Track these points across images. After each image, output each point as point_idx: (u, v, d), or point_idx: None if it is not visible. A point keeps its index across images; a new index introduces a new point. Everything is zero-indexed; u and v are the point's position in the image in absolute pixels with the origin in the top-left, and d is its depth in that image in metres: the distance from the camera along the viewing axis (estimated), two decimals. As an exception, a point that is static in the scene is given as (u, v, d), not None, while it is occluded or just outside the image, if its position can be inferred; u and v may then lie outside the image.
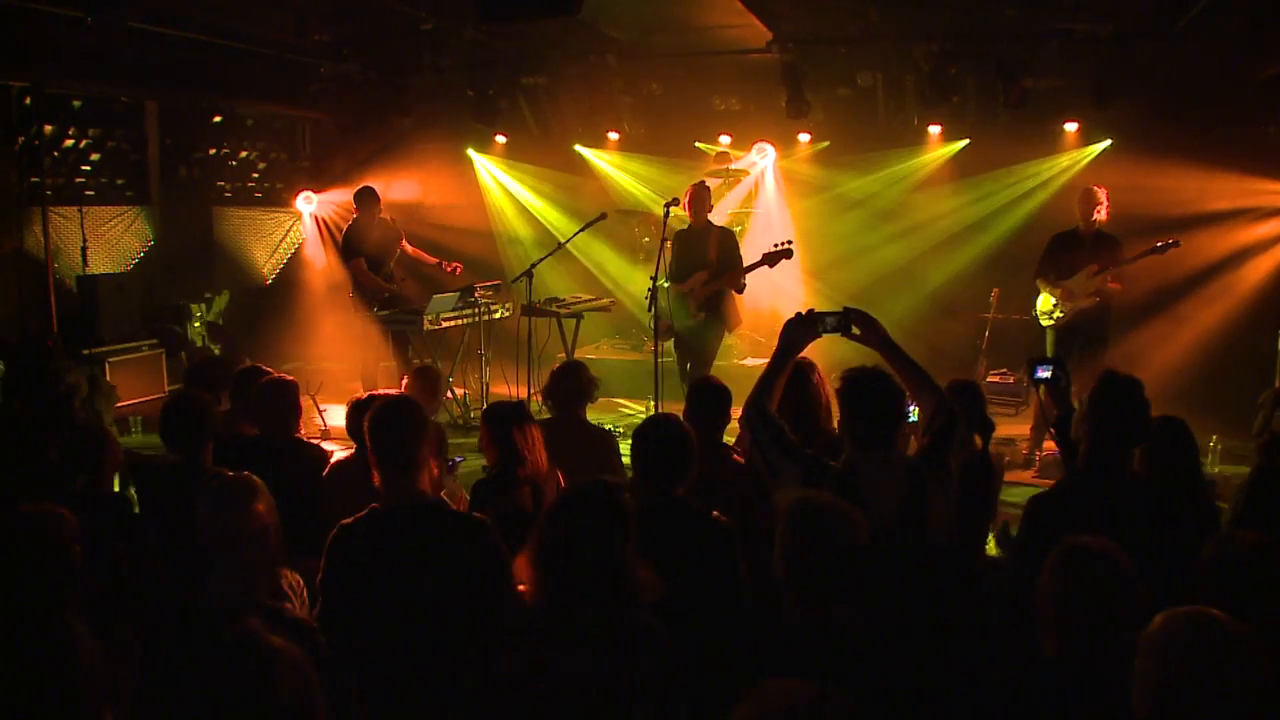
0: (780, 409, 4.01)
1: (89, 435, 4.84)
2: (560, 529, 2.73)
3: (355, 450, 4.40)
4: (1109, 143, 9.21)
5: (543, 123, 10.38)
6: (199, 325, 9.85)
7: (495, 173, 11.50)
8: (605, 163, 11.00)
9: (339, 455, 4.64)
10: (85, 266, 8.53)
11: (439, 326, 7.49)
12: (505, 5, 5.93)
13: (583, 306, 8.02)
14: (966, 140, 9.70)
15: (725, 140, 10.49)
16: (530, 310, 7.45)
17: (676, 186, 10.34)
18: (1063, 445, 4.04)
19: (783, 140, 10.26)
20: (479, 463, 5.44)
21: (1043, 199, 9.42)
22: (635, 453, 3.63)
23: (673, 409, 5.59)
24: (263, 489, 2.87)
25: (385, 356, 7.90)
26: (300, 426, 5.04)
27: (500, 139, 11.11)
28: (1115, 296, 7.31)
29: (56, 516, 3.18)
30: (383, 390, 5.29)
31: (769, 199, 10.42)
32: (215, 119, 10.63)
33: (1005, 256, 9.30)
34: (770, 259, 6.74)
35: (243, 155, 11.18)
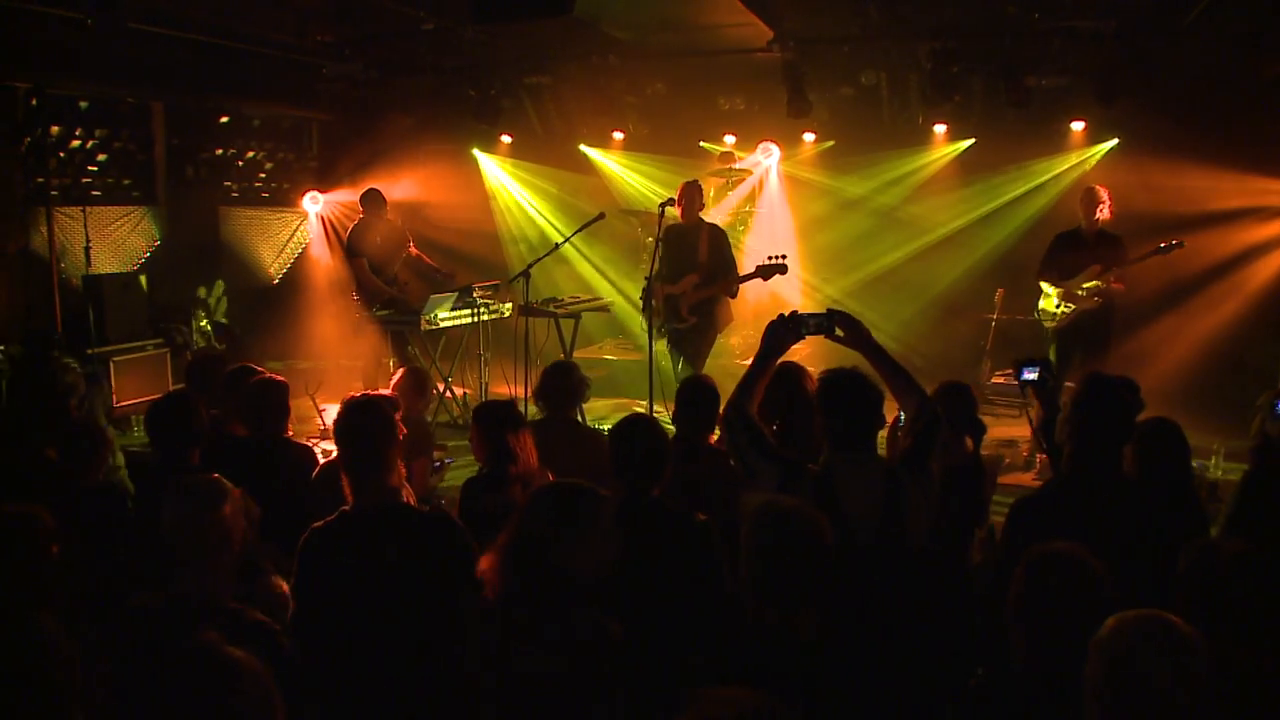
0: (771, 413, 3.99)
1: (86, 434, 4.87)
2: (516, 528, 2.72)
3: (343, 451, 4.41)
4: (1116, 141, 9.13)
5: (546, 122, 10.38)
6: (205, 324, 9.90)
7: (500, 172, 11.51)
8: (610, 162, 10.98)
9: (326, 457, 4.64)
10: (88, 266, 8.57)
11: (436, 326, 7.49)
12: (498, 5, 5.93)
13: (580, 307, 8.00)
14: (972, 139, 9.64)
15: (730, 140, 10.45)
16: (527, 310, 7.44)
17: (675, 185, 10.35)
18: (1048, 448, 3.99)
19: (788, 140, 10.22)
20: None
21: (1049, 198, 9.35)
22: (612, 454, 3.61)
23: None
24: (231, 491, 2.86)
25: (386, 356, 7.90)
26: (292, 427, 5.04)
27: (505, 139, 11.13)
28: (1119, 297, 7.24)
29: (34, 516, 3.18)
30: (379, 390, 5.28)
31: (773, 198, 10.37)
32: (222, 119, 10.67)
33: (1010, 257, 9.24)
34: (764, 272, 6.72)
35: (250, 155, 11.22)
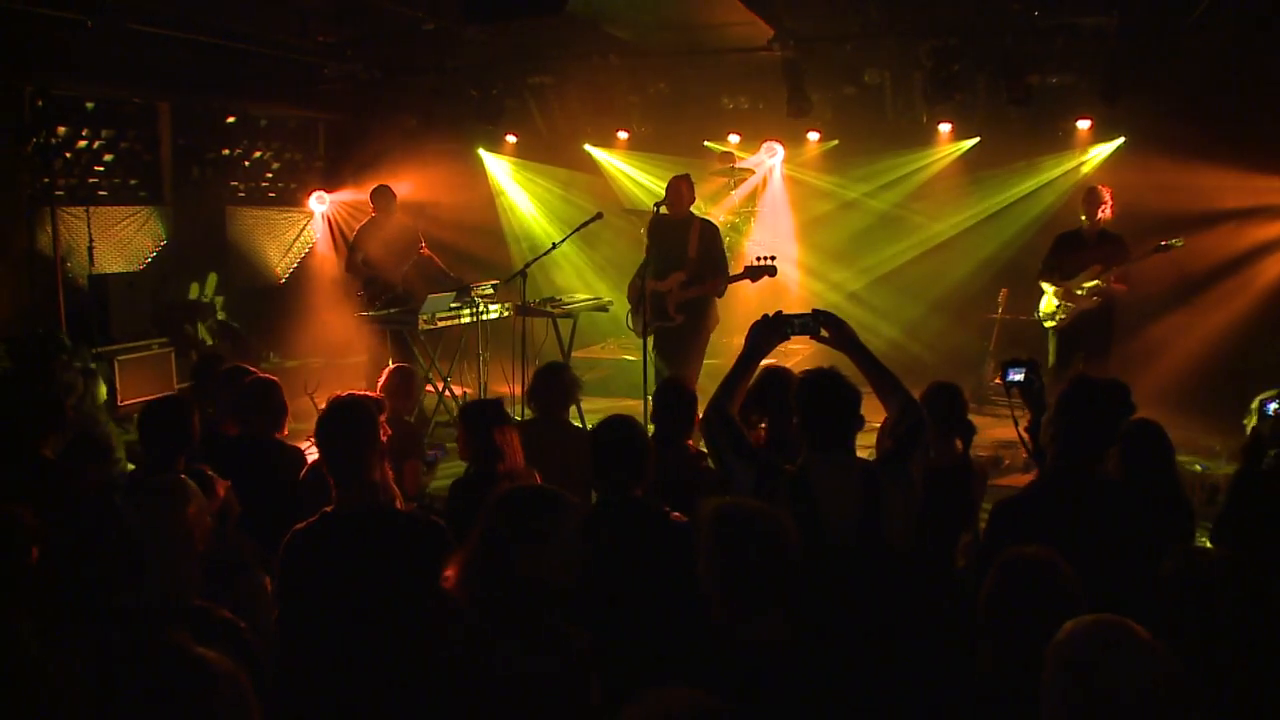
0: (759, 415, 3.98)
1: (83, 436, 4.90)
2: (478, 533, 2.71)
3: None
4: (1122, 140, 9.06)
5: (551, 122, 10.38)
6: (210, 324, 9.95)
7: (505, 172, 11.52)
8: (615, 161, 10.98)
9: (314, 456, 4.64)
10: (92, 266, 8.64)
11: (435, 326, 7.50)
12: (490, 4, 5.92)
13: (577, 306, 7.98)
14: (977, 138, 9.58)
15: (734, 139, 10.44)
16: (524, 310, 7.43)
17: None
18: (1033, 450, 3.96)
19: (792, 139, 10.19)
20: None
21: (1054, 198, 9.29)
22: (593, 454, 3.60)
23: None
24: (195, 492, 2.87)
25: (387, 355, 7.91)
26: (288, 426, 5.05)
27: (511, 138, 11.15)
28: (1121, 297, 7.16)
29: (14, 517, 3.20)
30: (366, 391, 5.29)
31: (776, 198, 10.34)
32: (229, 120, 10.72)
33: (1015, 256, 9.18)
34: (752, 273, 6.61)
35: (256, 155, 11.27)
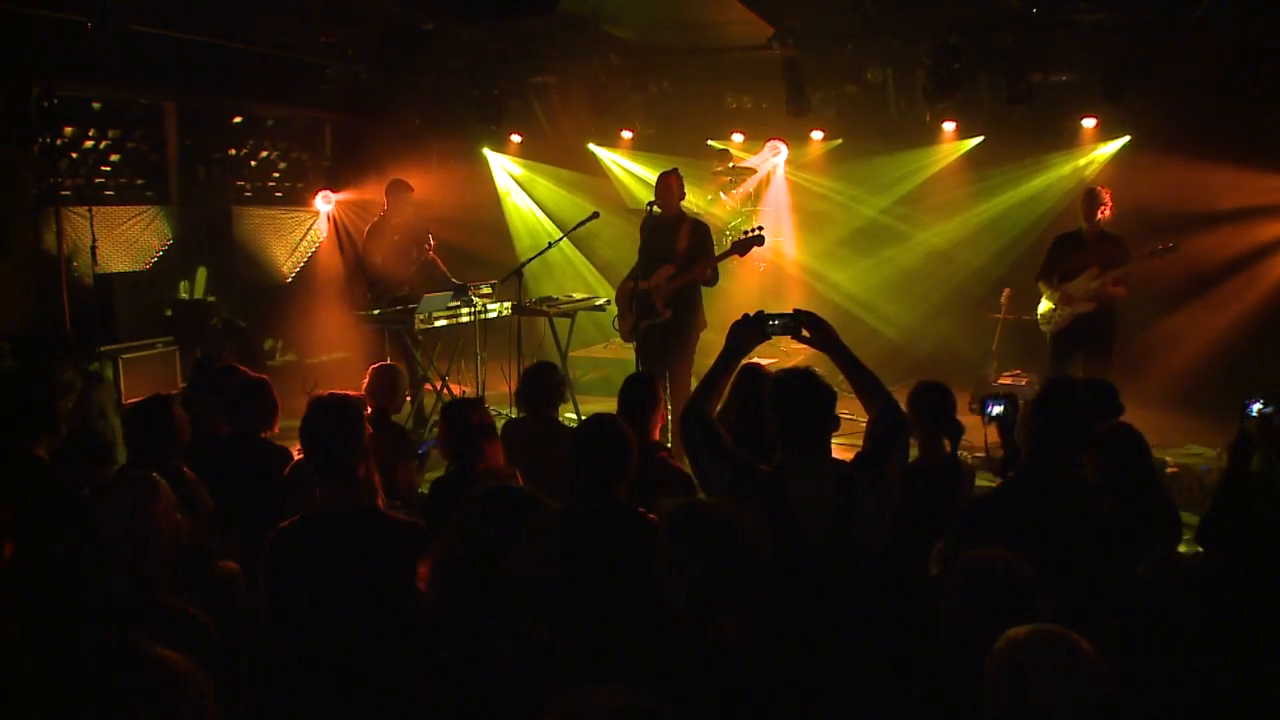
0: (730, 416, 3.96)
1: (78, 437, 4.92)
2: (456, 529, 2.71)
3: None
4: (1128, 139, 8.99)
5: (554, 121, 10.39)
6: (215, 323, 9.99)
7: (510, 171, 11.54)
8: (619, 160, 10.97)
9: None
10: (95, 265, 8.70)
11: (431, 325, 7.51)
12: (483, 4, 5.91)
13: (574, 306, 7.96)
14: (981, 137, 9.52)
15: (738, 138, 10.43)
16: (520, 309, 7.43)
17: (687, 185, 10.31)
18: (1000, 469, 3.97)
19: (796, 137, 10.16)
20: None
21: (1058, 197, 9.21)
22: (573, 454, 3.60)
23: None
24: (164, 490, 2.88)
25: (386, 354, 7.92)
26: (277, 425, 5.07)
27: (515, 138, 11.16)
28: (1120, 300, 7.08)
29: None
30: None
31: (779, 197, 10.32)
32: (235, 120, 10.78)
33: (1018, 256, 9.11)
34: (741, 247, 6.52)
35: (263, 155, 11.32)
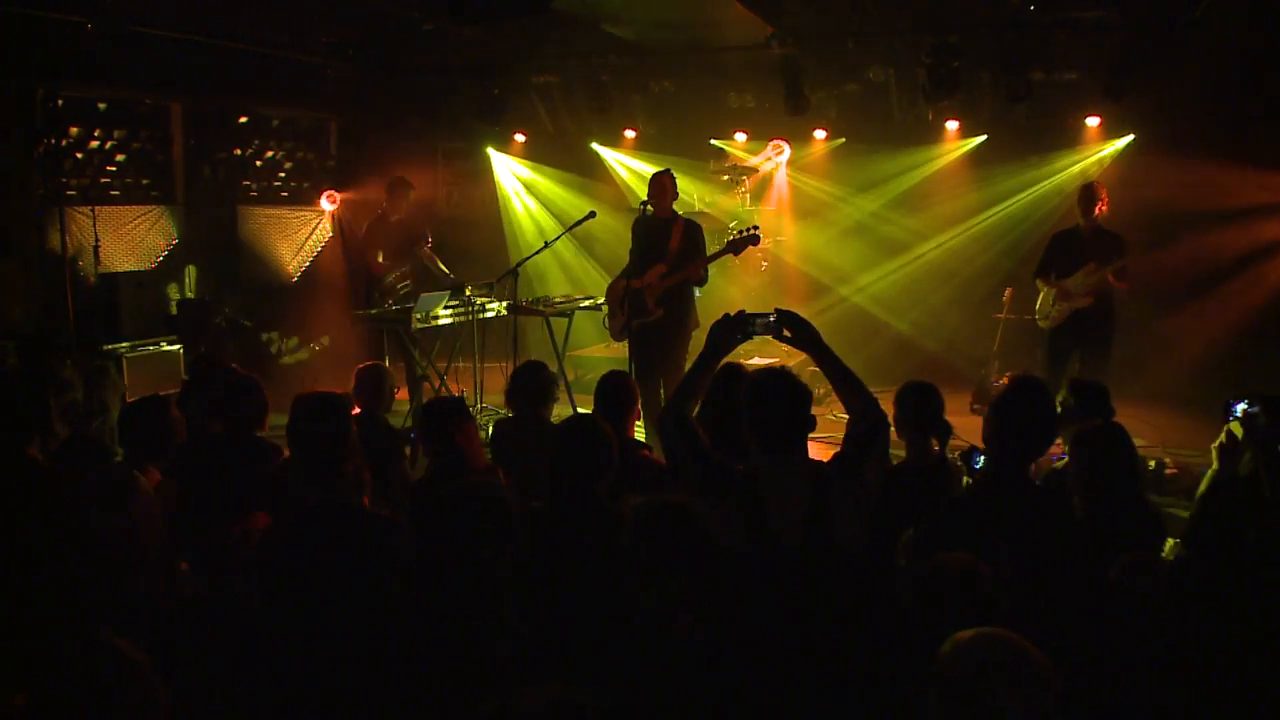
0: (709, 415, 3.95)
1: (75, 435, 4.96)
2: (427, 529, 2.73)
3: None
4: (1132, 138, 8.92)
5: (557, 121, 10.40)
6: (220, 322, 10.06)
7: (511, 171, 11.56)
8: (622, 159, 10.97)
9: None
10: (98, 265, 8.77)
11: (429, 325, 7.52)
12: (474, 4, 5.91)
13: (571, 305, 7.95)
14: (984, 136, 9.48)
15: (740, 137, 10.40)
16: (516, 309, 7.43)
17: (689, 184, 10.31)
18: None
19: (799, 137, 10.13)
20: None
21: (1061, 196, 9.15)
22: (553, 454, 3.60)
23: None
24: (143, 488, 2.90)
25: (384, 354, 7.95)
26: (267, 424, 5.10)
27: (519, 138, 11.19)
28: (1122, 294, 7.02)
29: None
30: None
31: (781, 196, 10.30)
32: (241, 120, 10.84)
33: (1020, 256, 9.06)
34: (734, 246, 6.49)
35: (269, 155, 11.37)
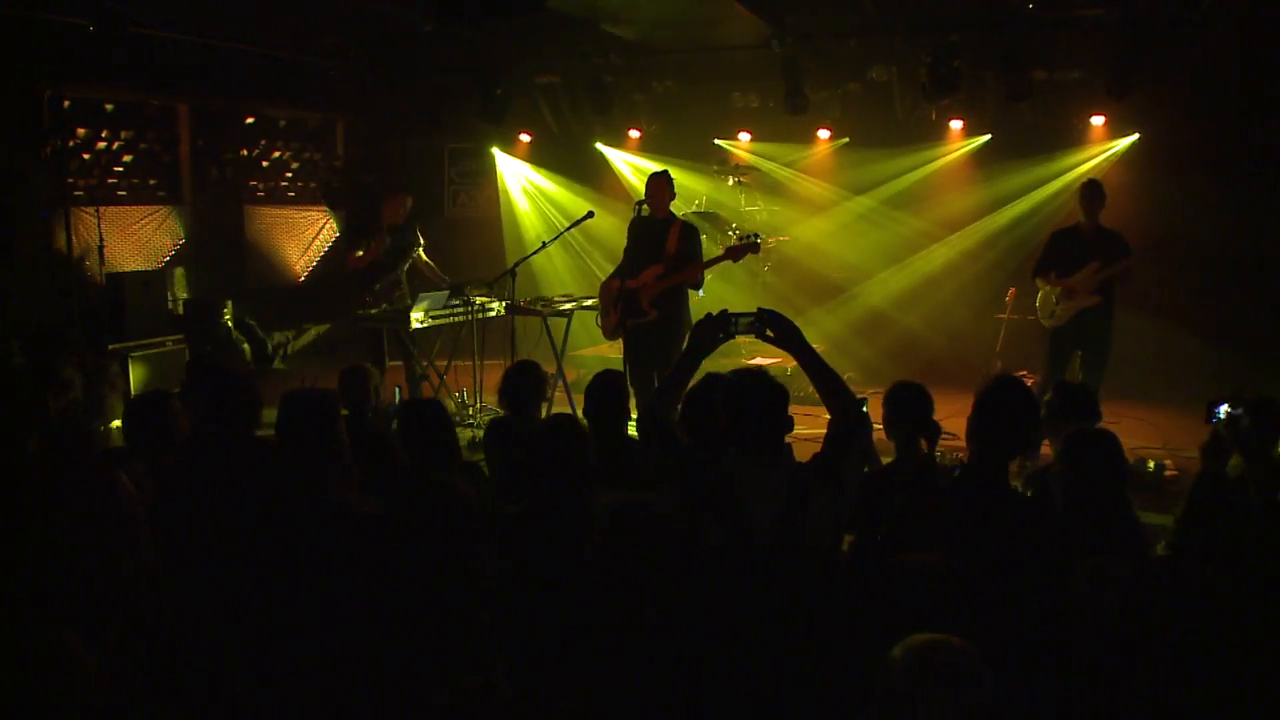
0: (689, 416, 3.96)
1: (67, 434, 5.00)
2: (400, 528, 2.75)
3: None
4: (1136, 137, 8.86)
5: (561, 121, 10.42)
6: (225, 320, 10.12)
7: (518, 171, 11.59)
8: (627, 159, 10.97)
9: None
10: (103, 265, 8.85)
11: (427, 324, 7.54)
12: (468, 4, 5.93)
13: (568, 306, 7.92)
14: (988, 135, 9.43)
15: (744, 137, 10.39)
16: (514, 309, 7.44)
17: (693, 183, 10.32)
18: None
19: (802, 136, 10.11)
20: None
21: (1065, 196, 9.08)
22: (531, 454, 3.61)
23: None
24: (124, 484, 2.93)
25: (384, 354, 7.98)
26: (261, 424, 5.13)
27: (524, 138, 11.21)
28: (1122, 294, 6.98)
29: None
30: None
31: (786, 196, 10.31)
32: (248, 120, 10.92)
33: (1023, 256, 9.00)
34: (734, 253, 6.48)
35: (276, 155, 11.46)
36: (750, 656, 2.90)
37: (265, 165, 11.35)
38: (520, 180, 11.62)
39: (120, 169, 9.82)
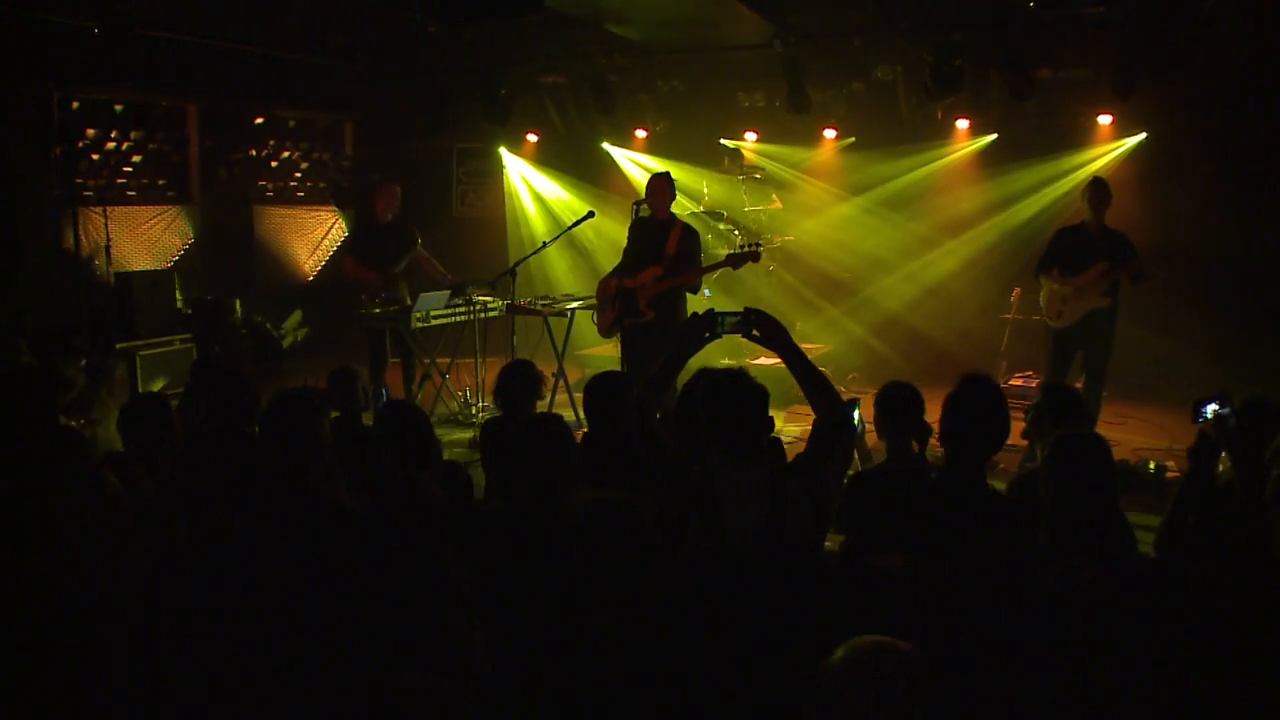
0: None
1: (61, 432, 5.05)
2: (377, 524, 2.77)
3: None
4: (1144, 136, 8.79)
5: (568, 121, 10.43)
6: (234, 319, 10.18)
7: (525, 171, 11.61)
8: (634, 158, 10.97)
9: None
10: (110, 264, 8.94)
11: (428, 324, 7.57)
12: (464, 5, 5.95)
13: (570, 305, 7.94)
14: (994, 135, 9.39)
15: (751, 137, 10.38)
16: (514, 309, 7.45)
17: (700, 183, 10.32)
18: None
19: (809, 136, 10.09)
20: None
21: (1071, 196, 9.02)
22: (517, 452, 3.62)
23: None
24: (110, 482, 2.97)
25: (386, 354, 8.01)
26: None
27: (531, 138, 11.23)
28: (1135, 294, 6.89)
29: None
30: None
31: (792, 196, 10.30)
32: (257, 121, 10.99)
33: (1029, 255, 8.94)
34: (735, 260, 6.49)
35: (285, 156, 11.52)
36: (727, 657, 2.90)
37: (274, 165, 11.42)
38: (527, 180, 11.65)
39: (130, 169, 9.91)
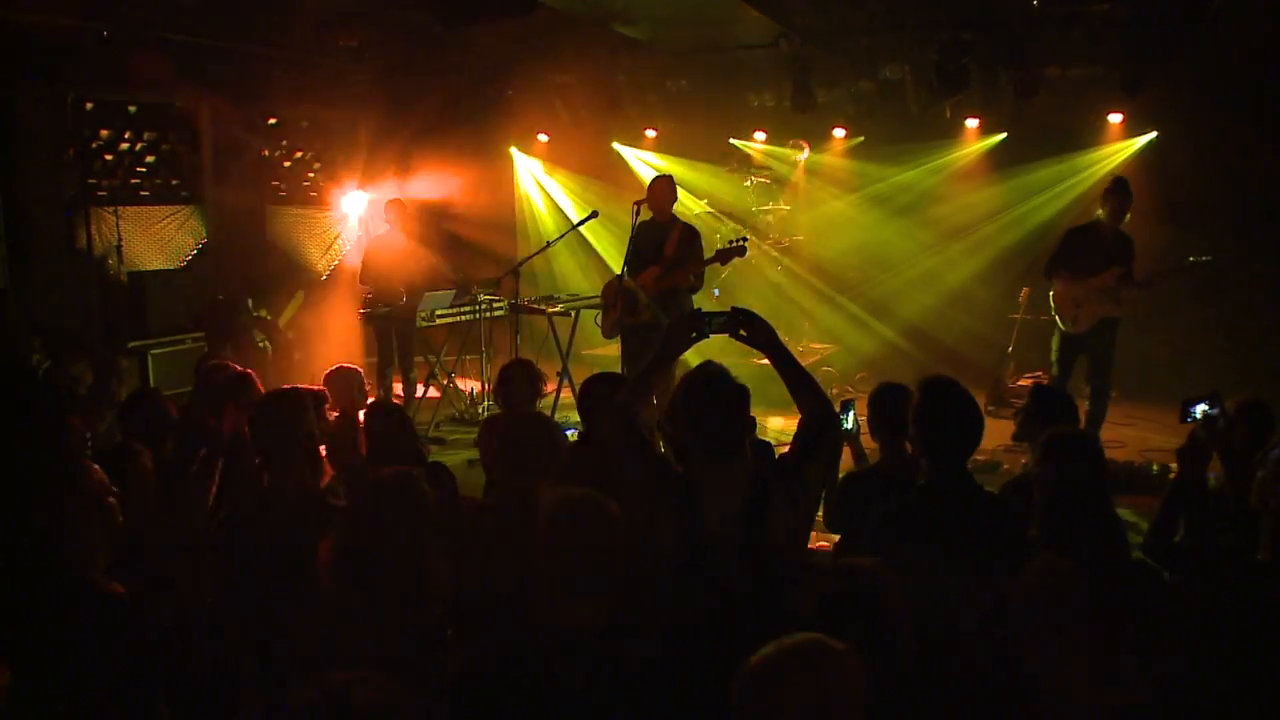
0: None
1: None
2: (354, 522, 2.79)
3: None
4: (1154, 134, 8.72)
5: (577, 120, 10.46)
6: (245, 318, 10.26)
7: (535, 171, 11.64)
8: (645, 158, 10.98)
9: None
10: (121, 264, 9.03)
11: (434, 323, 7.62)
12: (461, 6, 5.99)
13: (572, 304, 7.95)
14: (1004, 134, 9.34)
15: (760, 136, 10.37)
16: (517, 308, 7.49)
17: (703, 182, 10.33)
18: None
19: (818, 136, 10.07)
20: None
21: (1081, 195, 8.98)
22: (503, 450, 3.65)
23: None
24: (95, 472, 3.02)
25: (392, 353, 8.06)
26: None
27: (542, 137, 11.26)
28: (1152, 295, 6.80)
29: None
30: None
31: (799, 196, 10.27)
32: (270, 121, 11.06)
33: (1037, 255, 8.90)
34: (722, 256, 6.54)
35: (298, 155, 11.59)
36: (703, 659, 2.90)
37: (287, 165, 11.49)
38: (538, 179, 11.68)
39: (143, 169, 9.98)
